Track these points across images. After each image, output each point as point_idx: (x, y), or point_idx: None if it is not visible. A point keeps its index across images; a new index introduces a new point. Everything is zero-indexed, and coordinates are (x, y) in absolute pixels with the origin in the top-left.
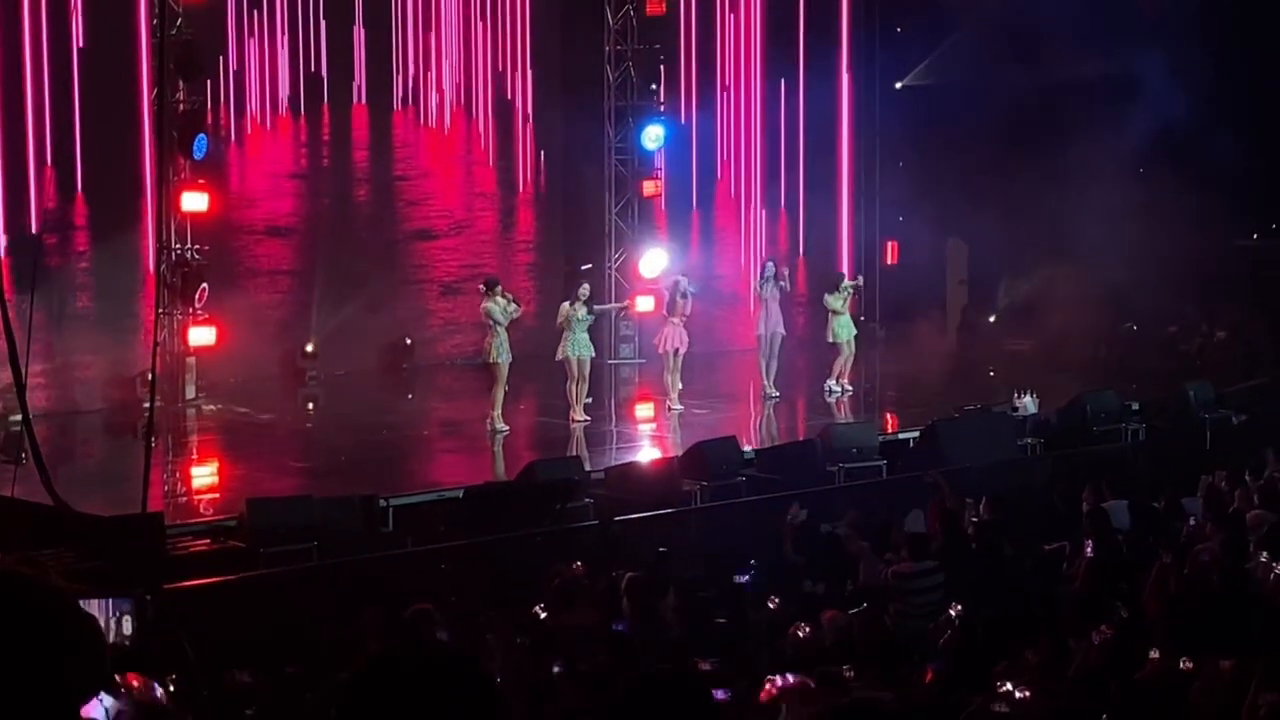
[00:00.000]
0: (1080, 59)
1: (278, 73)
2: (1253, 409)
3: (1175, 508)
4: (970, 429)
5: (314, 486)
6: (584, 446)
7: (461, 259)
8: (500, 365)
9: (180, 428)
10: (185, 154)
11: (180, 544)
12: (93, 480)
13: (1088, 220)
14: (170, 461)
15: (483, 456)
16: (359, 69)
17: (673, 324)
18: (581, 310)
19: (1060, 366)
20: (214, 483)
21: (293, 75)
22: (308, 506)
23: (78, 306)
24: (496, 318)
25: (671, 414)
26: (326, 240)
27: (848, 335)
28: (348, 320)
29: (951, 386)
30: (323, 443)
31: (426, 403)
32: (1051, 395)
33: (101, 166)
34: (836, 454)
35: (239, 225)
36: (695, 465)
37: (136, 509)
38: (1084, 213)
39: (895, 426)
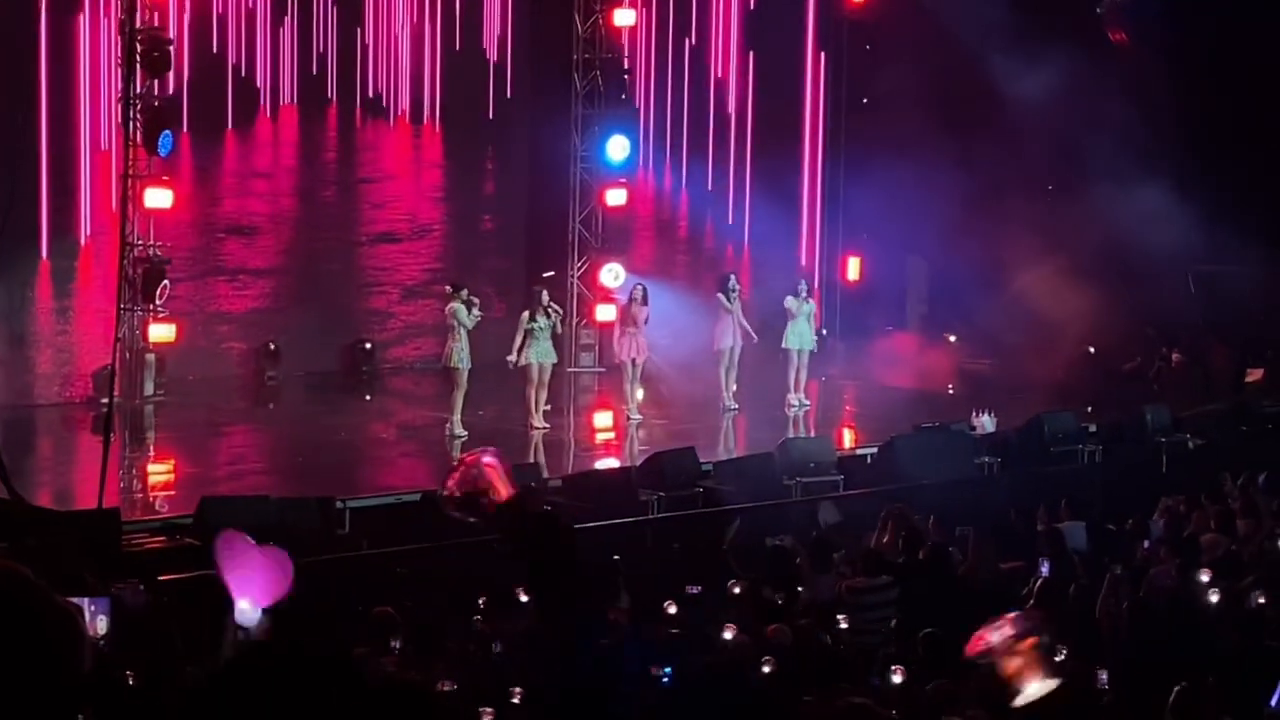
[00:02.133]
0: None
1: (246, 72)
2: (1208, 433)
3: (1140, 529)
4: (927, 446)
5: (271, 486)
6: (542, 454)
7: (424, 263)
8: (460, 370)
9: (138, 424)
10: (150, 150)
11: (135, 540)
12: (50, 475)
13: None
14: (127, 457)
15: (441, 461)
16: (328, 70)
17: (629, 333)
18: (541, 318)
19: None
20: (170, 480)
21: (261, 75)
22: (264, 506)
23: (39, 299)
24: (462, 320)
25: (630, 423)
26: (290, 240)
27: (799, 344)
28: (309, 321)
29: (910, 404)
30: (281, 443)
31: (386, 406)
32: (1010, 415)
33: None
34: (794, 468)
35: (203, 223)
36: (653, 475)
37: (93, 504)
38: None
39: (854, 442)
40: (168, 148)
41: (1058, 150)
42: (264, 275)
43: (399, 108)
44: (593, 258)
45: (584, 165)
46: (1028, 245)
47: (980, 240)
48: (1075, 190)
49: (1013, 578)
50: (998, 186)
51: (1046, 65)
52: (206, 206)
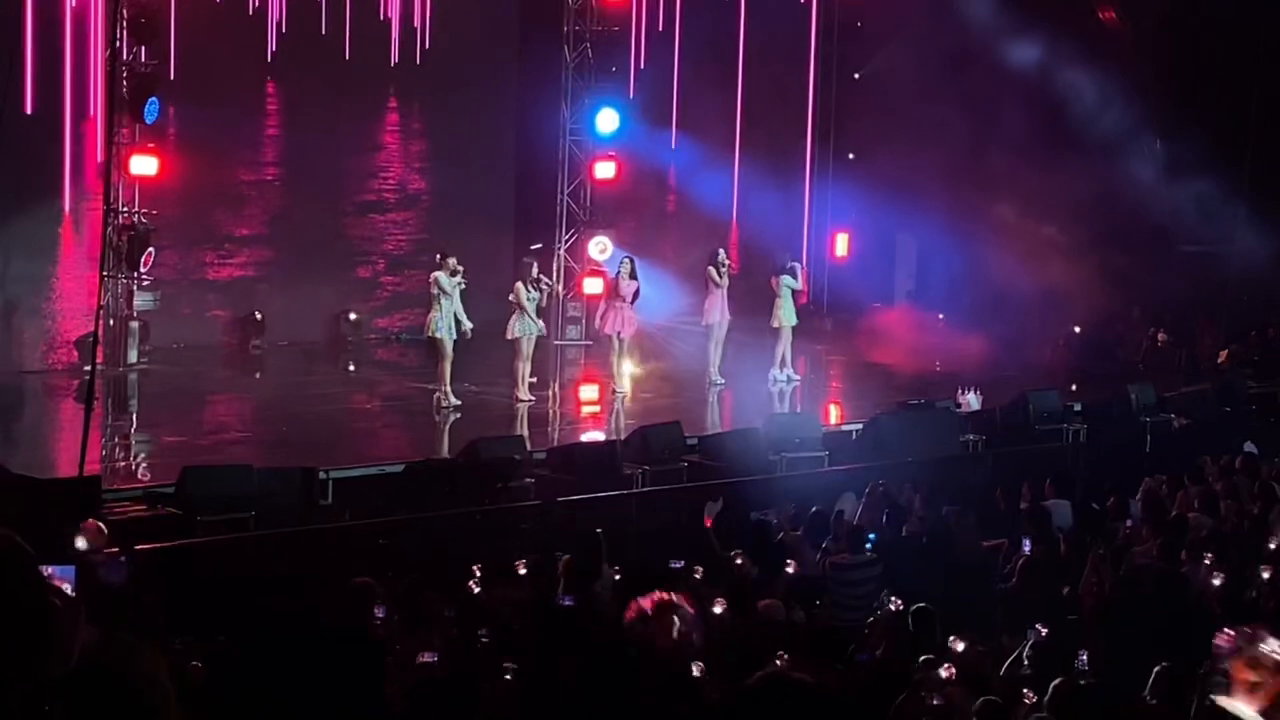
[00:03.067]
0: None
1: (234, 38)
2: (1193, 413)
3: (1121, 508)
4: (913, 423)
5: (254, 456)
6: (527, 426)
7: (411, 233)
8: (443, 340)
9: (121, 392)
10: (136, 117)
11: (116, 509)
12: (30, 442)
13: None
14: (109, 425)
15: (425, 432)
16: (317, 39)
17: (616, 307)
18: (533, 291)
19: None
20: (152, 448)
21: (249, 38)
22: (246, 476)
23: (23, 266)
24: (444, 286)
25: (616, 397)
26: (276, 209)
27: (790, 321)
28: (294, 291)
29: (896, 381)
30: (264, 412)
31: (371, 376)
32: (995, 393)
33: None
34: (779, 443)
35: (189, 190)
36: (637, 449)
37: (74, 472)
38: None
39: (839, 418)
40: (154, 114)
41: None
42: (250, 244)
43: (388, 77)
44: (581, 230)
45: (573, 138)
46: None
47: (968, 218)
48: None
49: (995, 555)
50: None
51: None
52: (192, 174)
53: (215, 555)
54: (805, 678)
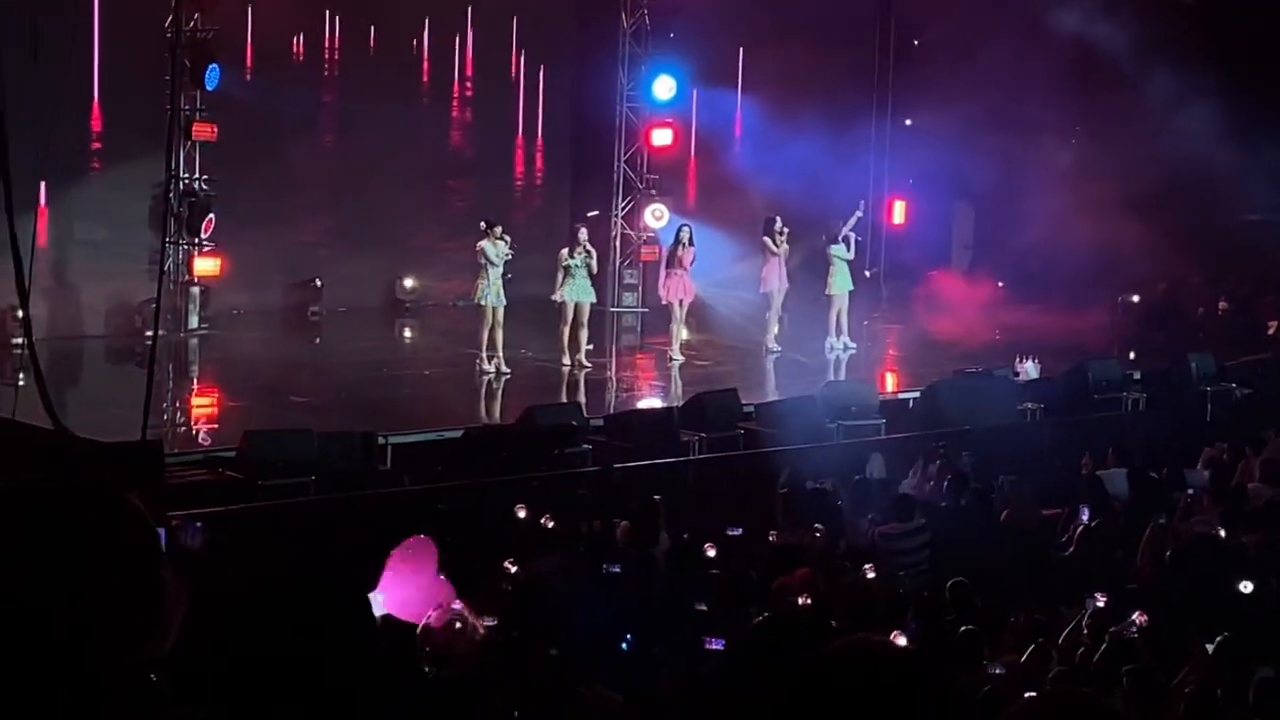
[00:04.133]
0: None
1: (294, 6)
2: (1254, 383)
3: (1176, 478)
4: (970, 392)
5: (313, 421)
6: (583, 393)
7: (469, 200)
8: (487, 308)
9: (182, 357)
10: (197, 84)
11: (177, 473)
12: (93, 406)
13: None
14: (170, 390)
15: (483, 398)
16: (376, 7)
17: (676, 274)
18: (578, 256)
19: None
20: (213, 413)
21: (309, 7)
22: (307, 441)
23: (86, 232)
24: (490, 256)
25: (672, 364)
26: (335, 176)
27: (844, 288)
28: (353, 257)
29: (954, 349)
30: (323, 378)
31: (428, 342)
32: (1053, 361)
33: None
34: (836, 411)
35: (249, 157)
36: (694, 416)
37: (136, 436)
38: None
39: (896, 386)
40: (215, 82)
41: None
42: (308, 210)
43: (446, 45)
44: (638, 198)
45: (630, 104)
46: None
47: (1027, 185)
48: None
49: (1054, 524)
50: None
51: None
52: (253, 140)
53: (276, 519)
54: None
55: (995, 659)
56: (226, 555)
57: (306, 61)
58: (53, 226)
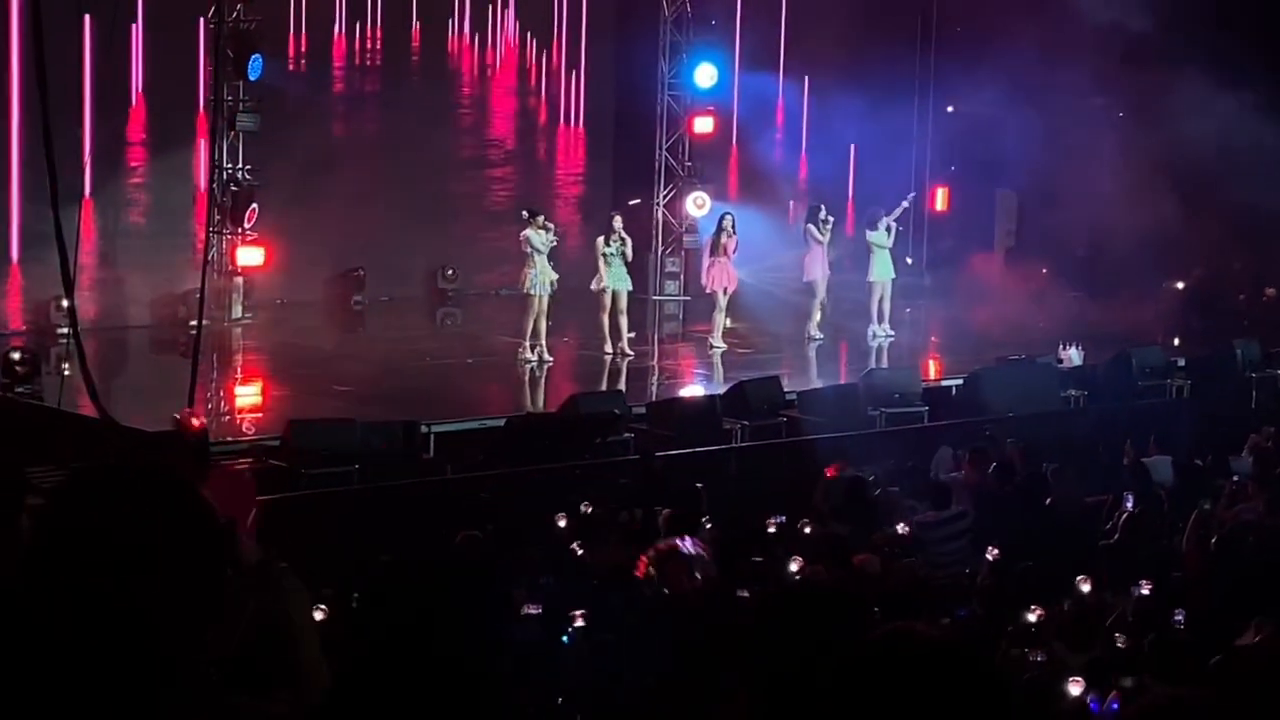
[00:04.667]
0: None
1: None
2: None
3: (1221, 465)
4: (1013, 379)
5: (357, 410)
6: (626, 381)
7: (511, 189)
8: (534, 297)
9: (226, 347)
10: (240, 74)
11: (223, 462)
12: (139, 395)
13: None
14: (215, 379)
15: (525, 387)
16: None
17: (720, 263)
18: (614, 244)
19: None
20: (257, 402)
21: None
22: (350, 430)
23: (130, 222)
24: (536, 245)
25: (714, 352)
26: (377, 166)
27: (885, 275)
28: (395, 246)
29: (996, 336)
30: (366, 367)
31: (471, 330)
32: (1097, 348)
33: (158, 83)
34: (878, 399)
35: (291, 147)
36: (736, 404)
37: None
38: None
39: (938, 374)
40: (257, 72)
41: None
42: (350, 200)
43: (488, 34)
44: (680, 186)
45: (671, 92)
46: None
47: (1069, 170)
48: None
49: (1098, 511)
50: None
51: None
52: (295, 131)
53: (319, 508)
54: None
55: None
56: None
57: (348, 51)
58: (98, 217)
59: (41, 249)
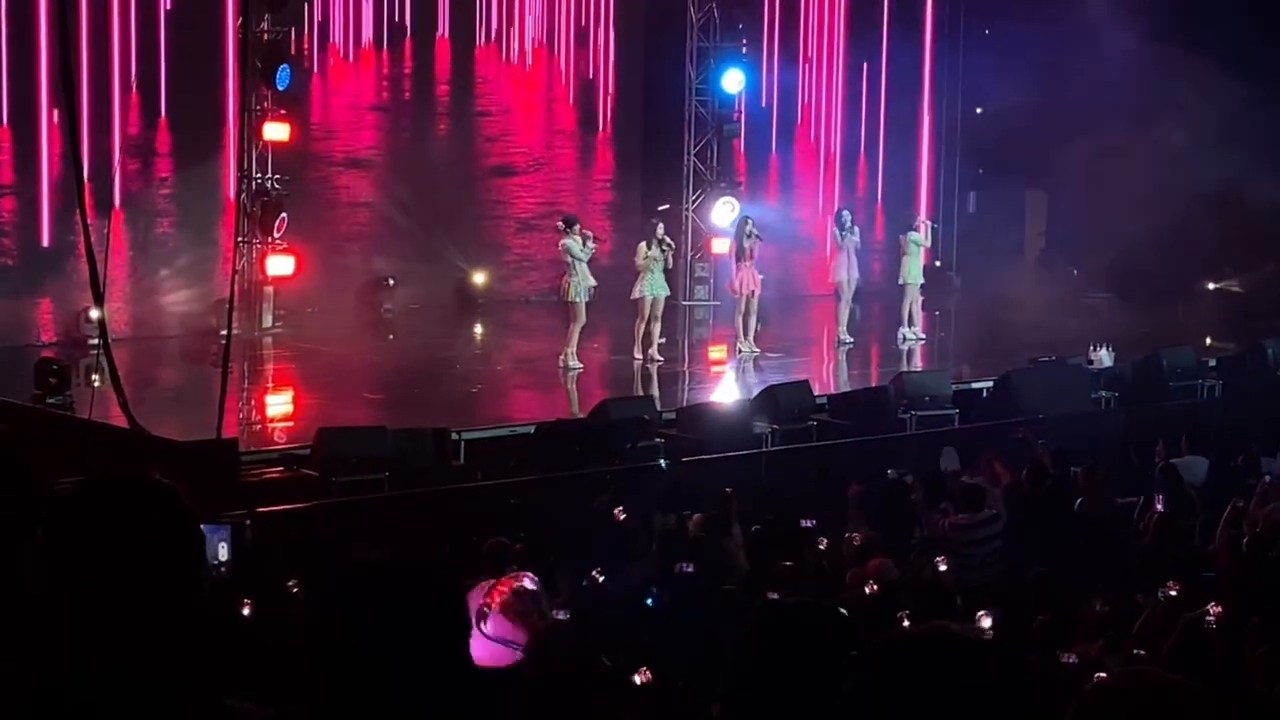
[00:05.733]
0: None
1: (362, 5)
2: None
3: (1253, 465)
4: (1044, 380)
5: (386, 417)
6: (655, 386)
7: (539, 196)
8: (578, 304)
9: (256, 356)
10: (268, 84)
11: (253, 471)
12: (169, 405)
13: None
14: (245, 389)
15: (555, 393)
16: (442, 2)
17: (745, 267)
18: (655, 250)
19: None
20: (288, 411)
21: (377, 7)
22: (380, 437)
23: (159, 232)
24: (576, 254)
25: (743, 356)
26: (406, 174)
27: (917, 278)
28: (424, 254)
29: (1027, 337)
30: (396, 374)
31: (500, 338)
32: (1128, 349)
33: (186, 94)
34: (909, 402)
35: (320, 156)
36: (767, 408)
37: (212, 434)
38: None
39: (969, 376)
40: (285, 82)
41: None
42: (379, 208)
43: (514, 41)
44: (708, 191)
45: (699, 97)
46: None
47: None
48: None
49: (1129, 512)
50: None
51: None
52: (323, 140)
53: (351, 516)
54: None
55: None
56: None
57: (378, 60)
58: (128, 227)
59: (72, 260)
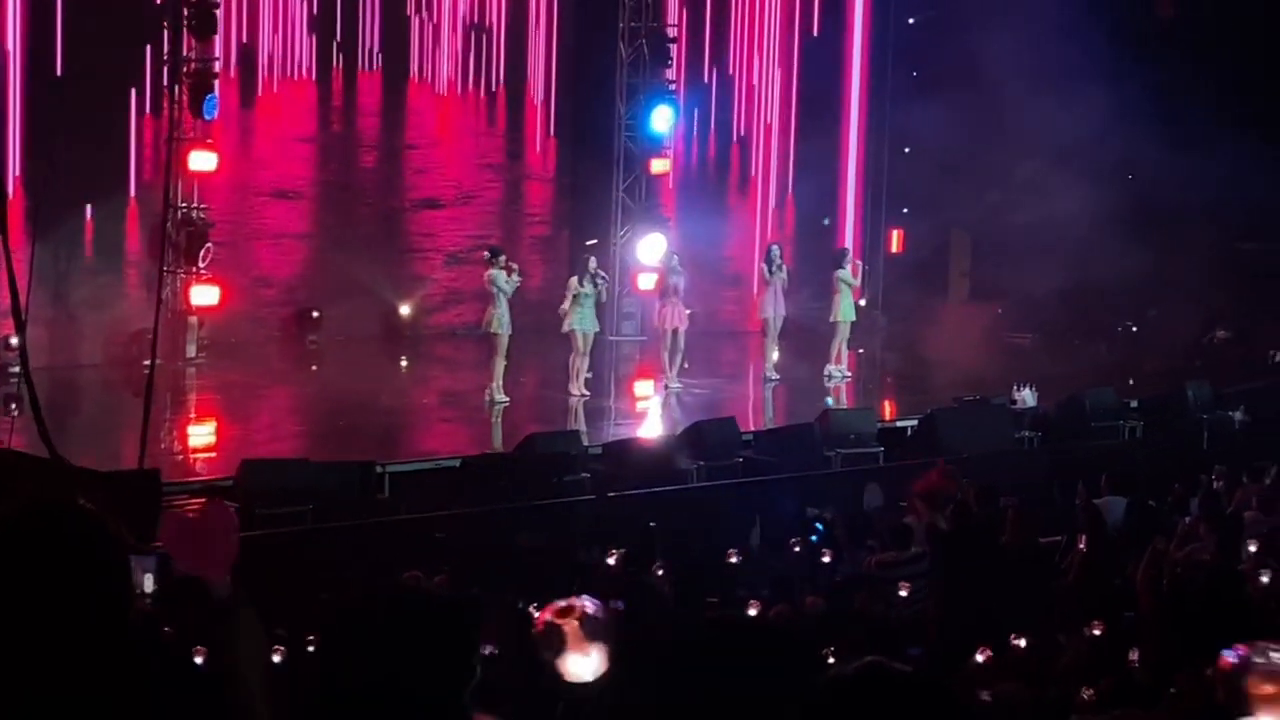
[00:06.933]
0: None
1: (290, 36)
2: (1252, 410)
3: (1180, 504)
4: (968, 420)
5: (311, 450)
6: (583, 421)
7: (467, 230)
8: (500, 336)
9: (179, 386)
10: (195, 113)
11: (175, 502)
12: (91, 435)
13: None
14: (168, 419)
15: (481, 427)
16: (372, 35)
17: (671, 302)
18: (589, 285)
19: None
20: (211, 442)
21: (306, 39)
22: (304, 470)
23: (83, 260)
24: (501, 285)
25: (670, 392)
26: (333, 205)
27: (849, 316)
28: (351, 286)
29: (951, 376)
30: (321, 407)
31: (427, 371)
32: (1051, 389)
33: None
34: (834, 439)
35: (247, 187)
36: (693, 444)
37: (133, 465)
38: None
39: (894, 414)
40: (213, 111)
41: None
42: (307, 239)
43: (444, 74)
44: (635, 226)
45: (628, 134)
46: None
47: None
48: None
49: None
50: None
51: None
52: (250, 170)
53: (273, 549)
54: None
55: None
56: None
57: (306, 90)
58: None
59: None
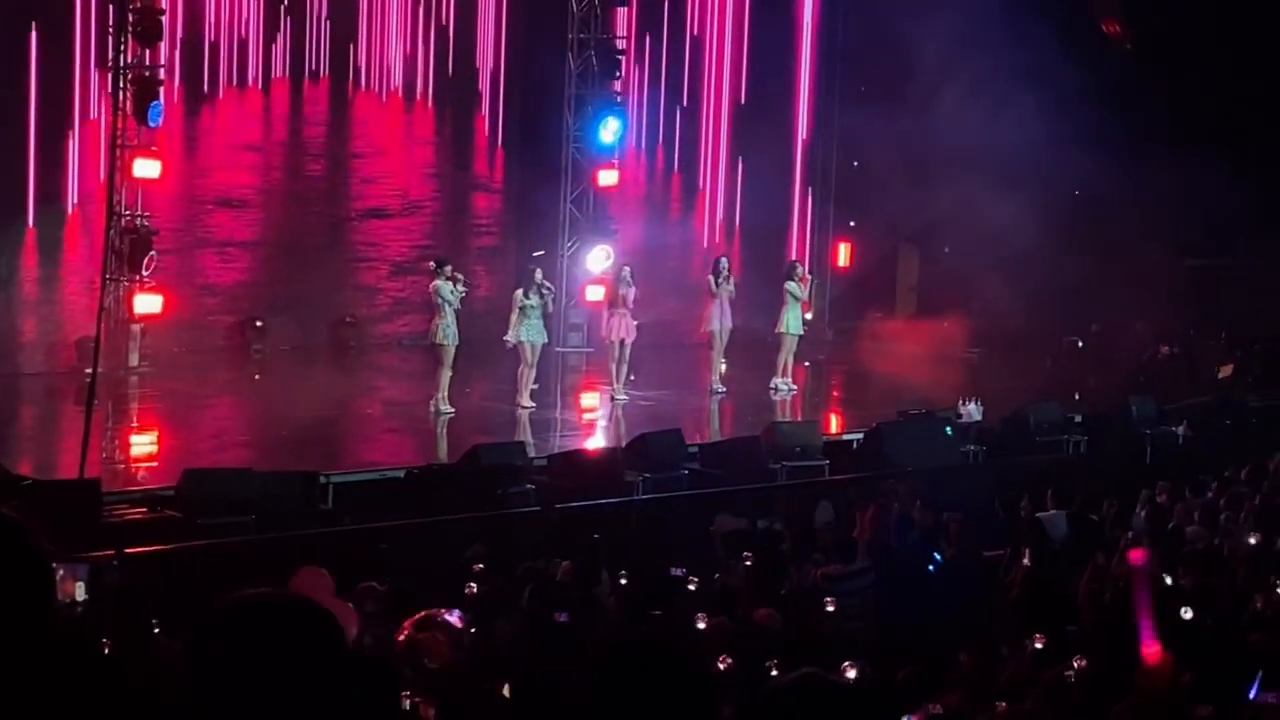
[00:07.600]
0: None
1: (236, 44)
2: (1195, 425)
3: (1115, 520)
4: (913, 433)
5: (254, 460)
6: (528, 432)
7: (414, 239)
8: (446, 347)
9: (121, 395)
10: (140, 120)
11: (116, 511)
12: (31, 444)
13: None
14: (109, 428)
15: (425, 438)
16: (319, 44)
17: (619, 314)
18: (535, 297)
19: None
20: (153, 451)
21: (253, 47)
22: (247, 479)
23: (24, 267)
24: (446, 296)
25: (616, 404)
26: (279, 214)
27: (797, 329)
28: (296, 295)
29: (897, 390)
30: (265, 417)
31: (372, 381)
32: (996, 403)
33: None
34: (779, 452)
35: (191, 195)
36: (638, 456)
37: (74, 474)
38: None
39: (839, 427)
40: (157, 118)
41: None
42: (252, 248)
43: (391, 83)
44: (583, 238)
45: (576, 145)
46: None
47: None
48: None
49: (996, 566)
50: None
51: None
52: (195, 178)
53: (215, 558)
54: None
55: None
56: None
57: (252, 98)
58: None
59: None
